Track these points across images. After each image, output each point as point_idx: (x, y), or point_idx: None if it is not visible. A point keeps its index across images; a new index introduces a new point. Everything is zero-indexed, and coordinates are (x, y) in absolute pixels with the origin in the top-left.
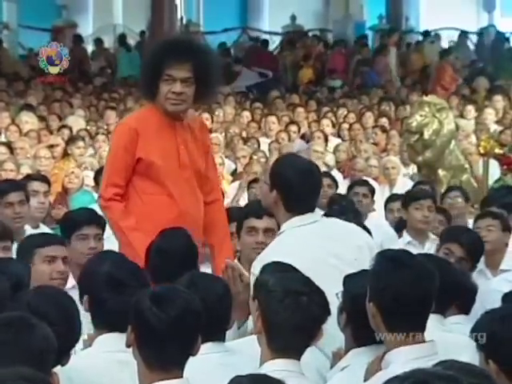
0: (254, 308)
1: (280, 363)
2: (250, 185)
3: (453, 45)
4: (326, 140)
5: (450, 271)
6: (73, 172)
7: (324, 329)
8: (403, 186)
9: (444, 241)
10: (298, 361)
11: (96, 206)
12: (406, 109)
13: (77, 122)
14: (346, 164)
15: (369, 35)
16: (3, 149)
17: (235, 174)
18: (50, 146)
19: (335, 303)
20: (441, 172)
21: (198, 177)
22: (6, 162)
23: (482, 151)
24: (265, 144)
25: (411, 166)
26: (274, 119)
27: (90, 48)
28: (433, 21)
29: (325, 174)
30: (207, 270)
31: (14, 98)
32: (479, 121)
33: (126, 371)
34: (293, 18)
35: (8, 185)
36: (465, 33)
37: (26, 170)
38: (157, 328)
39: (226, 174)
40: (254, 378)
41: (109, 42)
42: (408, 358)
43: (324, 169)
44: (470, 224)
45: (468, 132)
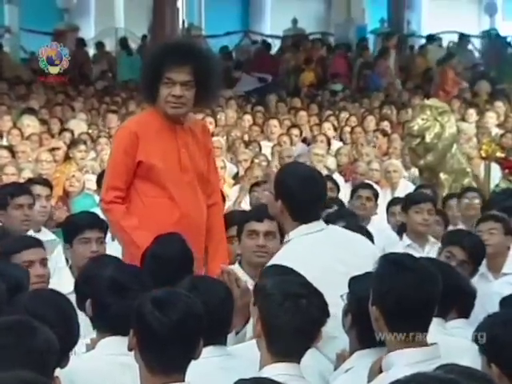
0: (255, 313)
1: (281, 367)
2: (251, 188)
3: (452, 46)
4: (328, 143)
5: (452, 275)
6: (74, 175)
7: (328, 331)
8: (405, 189)
9: (446, 244)
10: (298, 364)
11: (97, 210)
12: (408, 112)
13: (78, 125)
14: (347, 167)
15: (370, 39)
16: (5, 152)
17: (237, 178)
18: (52, 150)
19: (340, 305)
20: (442, 176)
21: (200, 180)
22: (7, 165)
23: (484, 155)
24: (266, 147)
25: (412, 169)
26: (275, 123)
27: (91, 51)
28: (434, 24)
29: (326, 177)
30: None
31: (16, 101)
32: (481, 124)
33: (129, 374)
34: (294, 21)
35: (18, 187)
36: (466, 36)
37: (28, 173)
38: (159, 332)
39: (228, 178)
40: (258, 381)
41: (110, 46)
42: (411, 361)
43: (325, 172)
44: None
45: (470, 135)
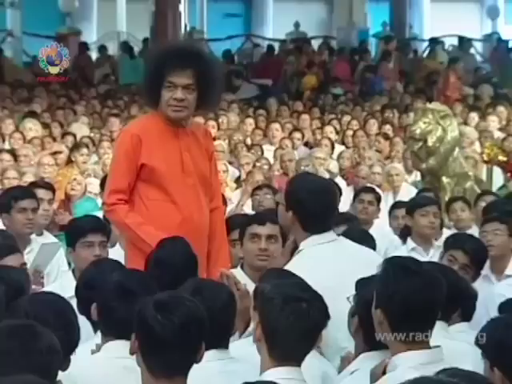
0: (255, 317)
1: (282, 371)
2: (253, 192)
3: (453, 49)
4: (332, 147)
5: (455, 279)
6: (75, 179)
7: (338, 343)
8: (407, 193)
9: (448, 248)
10: (299, 367)
11: (99, 213)
12: (410, 116)
13: (80, 129)
14: (349, 171)
15: (372, 42)
16: (7, 156)
17: (239, 181)
18: (54, 153)
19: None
20: (444, 179)
21: (203, 183)
22: (9, 169)
23: (486, 158)
24: (268, 151)
25: (414, 173)
26: (277, 126)
27: (93, 55)
28: (436, 28)
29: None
30: None
31: (18, 105)
32: (483, 128)
33: (132, 377)
34: (296, 25)
35: (23, 191)
36: (467, 40)
37: (30, 177)
38: (161, 336)
39: (230, 181)
40: None
41: (113, 50)
42: (414, 363)
43: (327, 175)
44: (473, 231)
45: (472, 139)
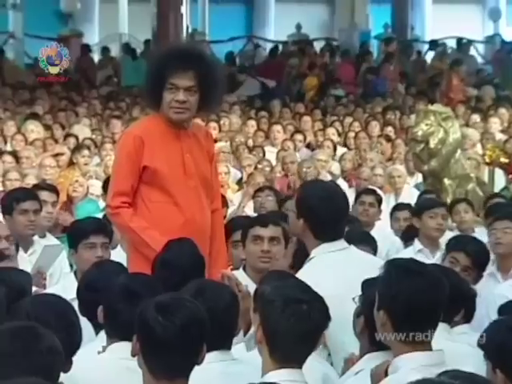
0: (256, 319)
1: (283, 373)
2: (255, 194)
3: (452, 51)
4: (334, 149)
5: (456, 281)
6: (77, 181)
7: (347, 350)
8: (409, 194)
9: (450, 249)
10: (300, 369)
11: (101, 215)
12: (411, 118)
13: (82, 130)
14: (351, 173)
15: (374, 44)
16: (9, 158)
17: (241, 183)
18: (56, 155)
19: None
20: (446, 181)
21: (204, 185)
22: (11, 171)
23: (488, 160)
24: (270, 153)
25: (416, 174)
26: (279, 128)
27: (95, 57)
28: (438, 30)
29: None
30: None
31: (20, 106)
32: (485, 130)
33: (136, 378)
34: (298, 26)
35: (25, 193)
36: (467, 41)
37: (32, 179)
38: (162, 337)
39: (232, 183)
40: None
41: (115, 51)
42: (416, 365)
43: (329, 177)
44: (476, 233)
45: (474, 141)
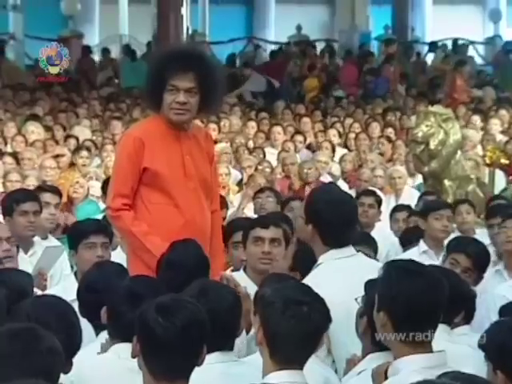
0: (256, 321)
1: (284, 375)
2: (255, 195)
3: (448, 52)
4: (333, 150)
5: (457, 282)
6: (78, 182)
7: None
8: (409, 196)
9: (451, 251)
10: (301, 371)
11: (101, 216)
12: (412, 119)
13: (82, 132)
14: (351, 174)
15: (374, 45)
16: (9, 159)
17: (241, 184)
18: (56, 156)
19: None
20: (446, 182)
21: (204, 186)
22: (11, 172)
23: (488, 161)
24: (270, 154)
25: (417, 176)
26: (279, 129)
27: (96, 58)
28: (438, 31)
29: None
30: None
31: (20, 108)
32: (485, 131)
33: (138, 379)
34: (298, 28)
35: (25, 194)
36: (466, 43)
37: (32, 180)
38: (163, 338)
39: (232, 184)
40: None
41: (115, 53)
42: (417, 367)
43: (330, 179)
44: (477, 234)
45: (475, 142)
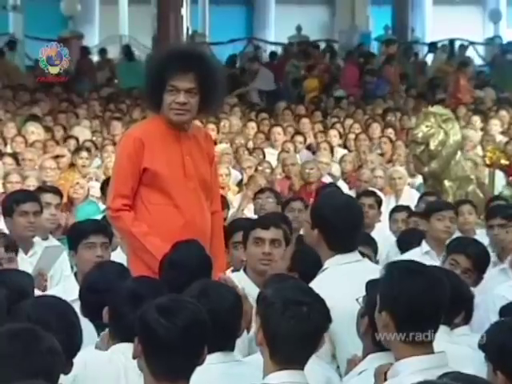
0: (258, 322)
1: (285, 375)
2: (256, 196)
3: (452, 54)
4: (331, 151)
5: (457, 283)
6: (78, 183)
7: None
8: (409, 196)
9: (450, 252)
10: (302, 371)
11: (101, 217)
12: (412, 119)
13: (82, 132)
14: (351, 175)
15: (374, 46)
16: (9, 160)
17: (241, 185)
18: (56, 157)
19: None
20: (447, 183)
21: (204, 186)
22: (11, 173)
23: (488, 162)
24: (270, 155)
25: (419, 177)
26: (279, 130)
27: (96, 59)
28: (438, 32)
29: (329, 185)
30: None
31: (20, 108)
32: (485, 131)
33: (138, 379)
34: (298, 28)
35: (25, 194)
36: (472, 43)
37: (32, 181)
38: (164, 339)
39: (232, 185)
40: None
41: (115, 53)
42: (418, 368)
43: (330, 179)
44: (477, 235)
45: (475, 143)
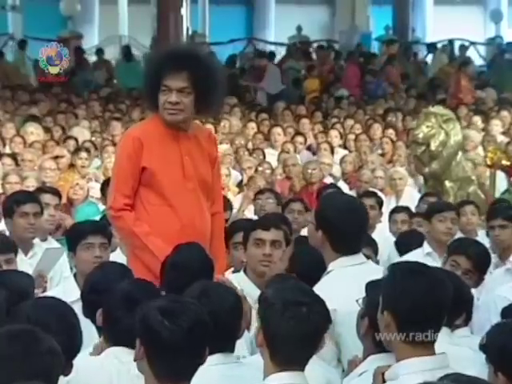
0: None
1: (285, 376)
2: (256, 196)
3: (446, 51)
4: (332, 151)
5: (458, 284)
6: (77, 183)
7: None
8: (410, 197)
9: (451, 253)
10: (302, 372)
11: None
12: (411, 120)
13: (82, 133)
14: (352, 175)
15: (375, 46)
16: (8, 160)
17: (241, 186)
18: (56, 158)
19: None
20: (447, 183)
21: (204, 187)
22: (10, 174)
23: (489, 163)
24: (270, 155)
25: (420, 177)
26: (279, 130)
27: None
28: (439, 32)
29: (330, 185)
30: None
31: (19, 109)
32: (486, 132)
33: (134, 382)
34: (299, 28)
35: (25, 195)
36: (473, 43)
37: (32, 182)
38: (169, 341)
39: (232, 186)
40: None
41: (114, 53)
42: (419, 369)
43: (331, 180)
44: (479, 236)
45: (476, 143)
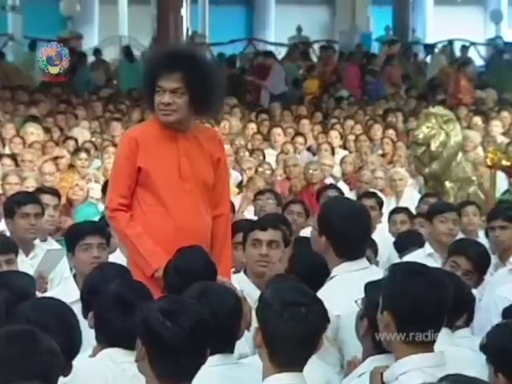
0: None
1: (284, 377)
2: (256, 197)
3: (445, 52)
4: (332, 152)
5: (458, 285)
6: (77, 184)
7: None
8: (410, 197)
9: (451, 254)
10: (301, 373)
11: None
12: (410, 120)
13: (81, 133)
14: (352, 176)
15: (375, 46)
16: (8, 161)
17: (241, 186)
18: (55, 158)
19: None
20: (447, 184)
21: (204, 188)
22: (10, 174)
23: (489, 163)
24: (270, 156)
25: (417, 177)
26: (279, 131)
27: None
28: (439, 32)
29: (330, 186)
30: None
31: (19, 109)
32: (486, 132)
33: (130, 382)
34: (299, 29)
35: (26, 196)
36: (473, 44)
37: (31, 182)
38: (171, 342)
39: (232, 186)
40: None
41: (114, 54)
42: (416, 366)
43: (331, 181)
44: (479, 237)
45: (476, 143)
